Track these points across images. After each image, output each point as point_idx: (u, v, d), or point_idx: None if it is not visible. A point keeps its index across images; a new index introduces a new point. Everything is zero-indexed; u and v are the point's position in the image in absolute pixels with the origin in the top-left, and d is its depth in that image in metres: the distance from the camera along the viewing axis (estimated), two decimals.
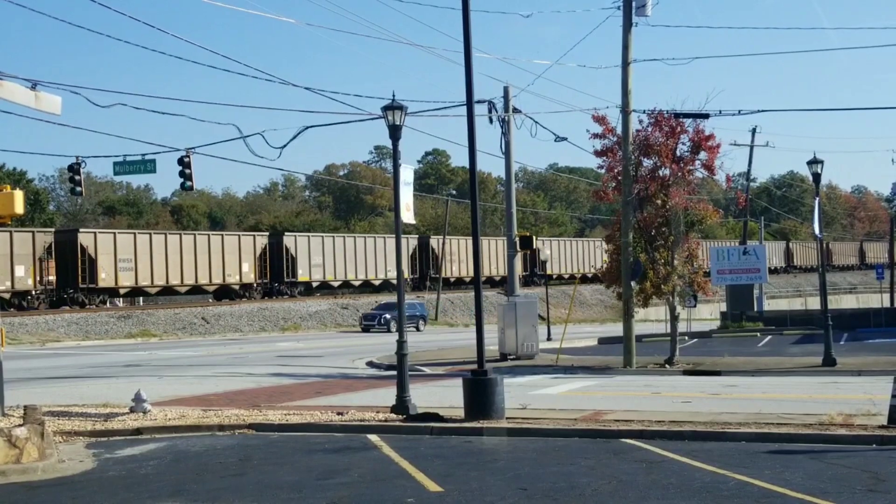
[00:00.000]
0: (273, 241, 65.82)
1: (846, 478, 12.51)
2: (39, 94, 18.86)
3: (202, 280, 60.13)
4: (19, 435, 13.92)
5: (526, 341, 33.67)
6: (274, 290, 65.85)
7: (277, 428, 17.67)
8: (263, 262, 64.52)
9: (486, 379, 18.07)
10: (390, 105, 19.55)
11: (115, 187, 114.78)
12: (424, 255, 75.30)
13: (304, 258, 66.31)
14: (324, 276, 67.88)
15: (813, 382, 25.52)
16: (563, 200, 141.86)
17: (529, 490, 12.03)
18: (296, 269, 66.03)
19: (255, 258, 63.57)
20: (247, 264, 62.67)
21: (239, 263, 62.06)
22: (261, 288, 65.00)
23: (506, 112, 34.19)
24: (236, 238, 63.67)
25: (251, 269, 63.18)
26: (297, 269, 66.07)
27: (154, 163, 32.18)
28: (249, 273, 63.07)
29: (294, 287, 66.73)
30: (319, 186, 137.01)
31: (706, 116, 30.12)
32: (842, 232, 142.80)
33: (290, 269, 65.87)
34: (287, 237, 66.99)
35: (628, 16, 30.73)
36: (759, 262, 45.00)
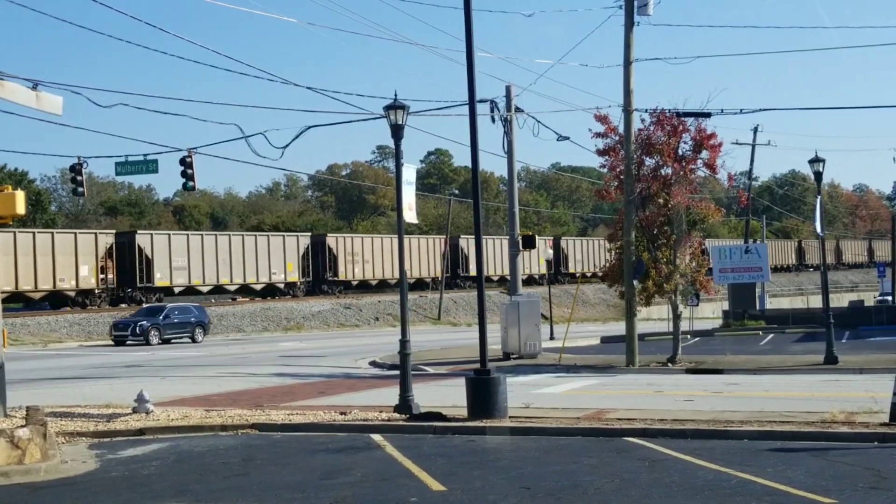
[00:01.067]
0: (316, 241, 68.62)
1: (848, 475, 12.51)
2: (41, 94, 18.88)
3: (249, 279, 63.26)
4: (22, 436, 13.94)
5: (529, 340, 33.66)
6: (317, 289, 68.36)
7: (280, 428, 17.68)
8: (306, 262, 67.19)
9: (489, 378, 18.08)
10: (392, 105, 19.55)
11: (116, 187, 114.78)
12: None
13: (343, 257, 68.95)
14: (363, 275, 70.29)
15: (815, 380, 25.52)
16: (565, 199, 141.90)
17: (533, 489, 12.04)
18: (337, 268, 68.65)
19: (298, 257, 66.11)
20: (291, 263, 65.31)
21: (284, 262, 64.78)
22: (304, 286, 67.47)
23: (508, 111, 34.18)
24: (280, 238, 66.37)
25: (295, 268, 65.84)
26: (338, 268, 68.65)
27: (156, 163, 32.18)
28: (294, 272, 65.75)
29: (336, 285, 69.31)
30: (322, 186, 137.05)
31: (708, 115, 30.12)
32: (843, 230, 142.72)
33: (332, 268, 68.57)
34: (329, 238, 70.07)
35: (630, 15, 30.72)
36: (762, 261, 44.96)
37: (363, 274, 70.16)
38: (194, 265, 59.11)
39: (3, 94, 17.90)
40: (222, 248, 61.04)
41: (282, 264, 64.81)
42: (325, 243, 68.80)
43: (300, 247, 66.42)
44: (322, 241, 69.03)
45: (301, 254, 66.40)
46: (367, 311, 66.13)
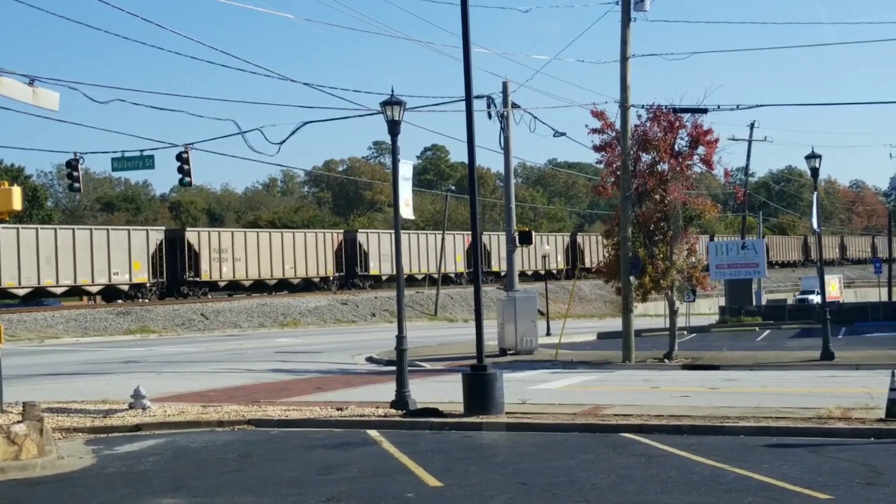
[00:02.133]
0: (348, 237, 70.49)
1: (844, 471, 12.53)
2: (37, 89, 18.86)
3: (288, 274, 65.57)
4: (18, 431, 13.93)
5: (525, 336, 33.68)
6: (349, 283, 69.97)
7: (277, 424, 17.69)
8: (339, 257, 69.05)
9: (485, 374, 18.08)
10: (389, 100, 19.55)
11: (113, 183, 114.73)
12: None
13: (375, 253, 70.80)
14: (391, 270, 70.67)
15: (811, 376, 25.56)
16: (562, 195, 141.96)
17: (529, 484, 12.06)
18: (368, 263, 70.62)
19: (332, 253, 68.25)
20: (326, 259, 67.63)
21: (317, 258, 66.97)
22: (337, 281, 69.10)
23: (505, 107, 34.19)
24: (314, 235, 68.42)
25: (330, 263, 68.03)
26: (369, 264, 70.65)
27: (152, 159, 32.16)
28: (328, 267, 67.95)
29: (366, 280, 70.91)
30: (318, 182, 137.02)
31: (704, 111, 30.12)
32: (840, 226, 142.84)
33: (363, 264, 70.46)
34: (360, 234, 71.78)
35: (627, 11, 30.72)
36: (758, 257, 45.04)
37: (391, 269, 69.64)
38: (238, 260, 61.83)
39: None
40: (263, 244, 63.62)
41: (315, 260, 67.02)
42: (356, 240, 70.52)
43: (334, 243, 68.97)
44: (354, 237, 70.96)
45: (334, 249, 68.71)
46: (364, 307, 66.09)
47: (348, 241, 70.40)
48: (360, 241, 70.44)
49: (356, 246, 70.14)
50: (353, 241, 70.32)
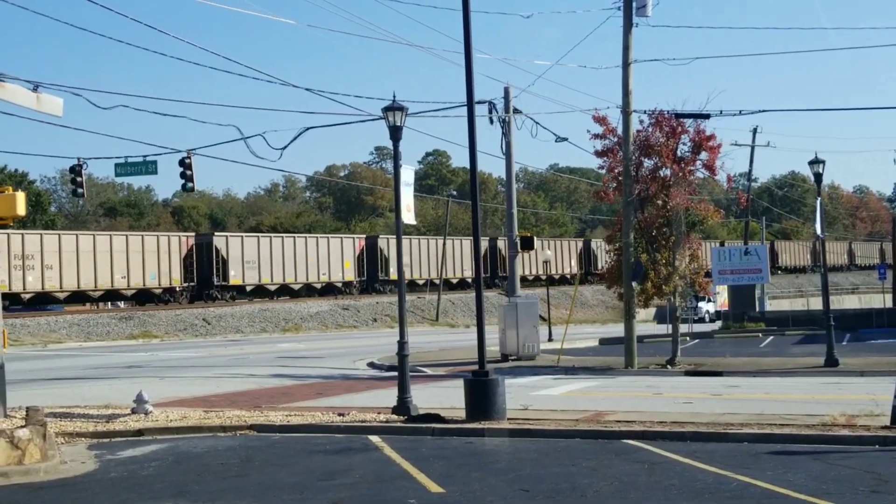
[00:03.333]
0: (369, 243, 72.13)
1: (849, 478, 12.49)
2: (41, 95, 18.86)
3: (311, 279, 67.35)
4: (21, 436, 13.92)
5: (527, 342, 33.64)
6: (371, 288, 71.40)
7: (279, 429, 17.67)
8: (361, 263, 70.71)
9: (487, 380, 18.06)
10: (391, 106, 19.53)
11: (116, 188, 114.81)
12: None
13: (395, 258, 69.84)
14: (411, 275, 72.57)
15: (815, 383, 25.50)
16: (563, 201, 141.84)
17: (531, 491, 12.03)
18: (388, 268, 72.23)
19: (354, 258, 69.96)
20: (349, 264, 69.60)
21: (341, 263, 68.64)
22: (360, 285, 70.86)
23: (506, 112, 34.17)
24: (339, 240, 70.24)
25: (352, 268, 69.80)
26: (389, 268, 72.18)
27: (155, 164, 32.18)
28: (350, 272, 69.69)
29: (387, 284, 72.24)
30: (320, 187, 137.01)
31: (707, 116, 30.09)
32: (844, 232, 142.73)
33: (384, 268, 72.32)
34: (381, 239, 73.11)
35: (629, 16, 30.70)
36: (761, 263, 44.95)
37: (411, 274, 71.50)
38: (264, 265, 63.62)
39: (3, 95, 17.88)
40: (288, 249, 65.41)
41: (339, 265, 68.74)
42: (377, 245, 72.00)
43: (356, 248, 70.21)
44: (375, 243, 72.32)
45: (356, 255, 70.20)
46: (365, 312, 66.08)
47: (370, 246, 71.88)
48: (380, 247, 72.00)
49: (377, 251, 71.69)
50: (374, 246, 71.90)
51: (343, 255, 68.74)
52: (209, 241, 61.41)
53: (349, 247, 69.66)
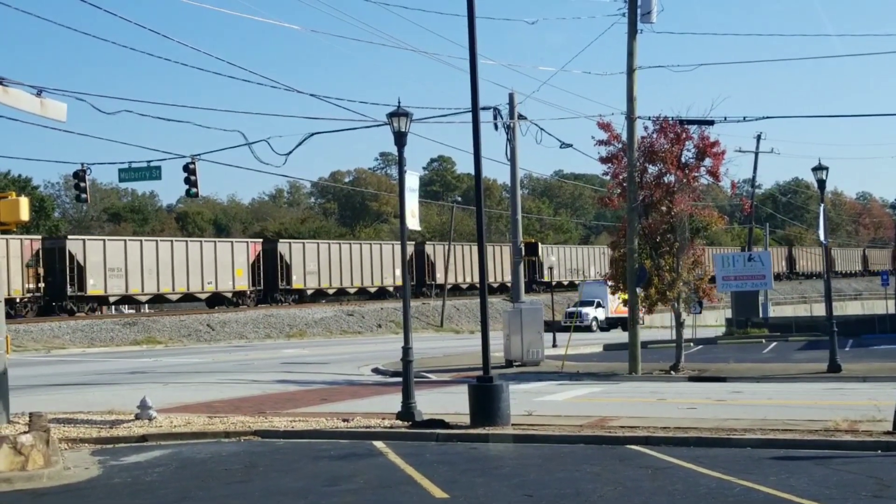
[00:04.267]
0: (418, 249, 75.31)
1: (851, 484, 12.50)
2: (45, 100, 18.91)
3: (366, 283, 71.15)
4: (25, 442, 13.94)
5: (531, 348, 33.63)
6: (419, 292, 74.16)
7: (283, 435, 17.69)
8: (411, 268, 71.89)
9: (491, 385, 18.07)
10: (396, 112, 19.57)
11: (120, 194, 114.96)
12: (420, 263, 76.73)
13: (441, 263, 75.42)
14: (455, 279, 77.06)
15: (818, 388, 25.50)
16: (568, 207, 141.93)
17: (535, 496, 12.04)
18: (435, 273, 75.98)
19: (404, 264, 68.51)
20: (398, 269, 69.82)
21: (393, 268, 71.47)
22: None
23: (511, 119, 34.22)
24: (391, 246, 72.37)
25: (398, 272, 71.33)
26: (436, 273, 75.95)
27: (159, 170, 32.21)
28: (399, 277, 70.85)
29: (432, 288, 75.80)
30: (325, 193, 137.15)
31: (711, 123, 30.11)
32: (846, 238, 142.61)
33: (431, 274, 75.92)
34: (428, 246, 77.17)
35: (633, 23, 30.72)
36: (765, 269, 44.92)
37: (455, 278, 74.91)
38: (323, 270, 67.22)
39: (7, 100, 17.94)
40: (345, 255, 69.22)
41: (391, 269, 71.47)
42: (424, 251, 75.39)
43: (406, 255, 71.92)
44: (422, 249, 75.49)
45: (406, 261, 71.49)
46: (370, 317, 66.11)
47: (418, 252, 74.52)
48: (427, 253, 75.18)
49: (424, 257, 74.75)
50: (422, 252, 74.97)
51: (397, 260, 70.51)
52: (274, 248, 65.18)
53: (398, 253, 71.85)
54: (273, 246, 65.66)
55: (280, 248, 65.31)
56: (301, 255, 65.83)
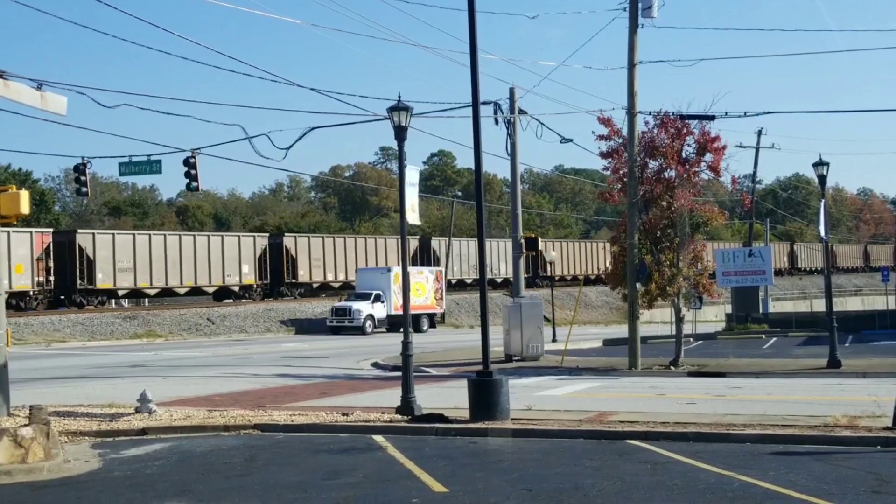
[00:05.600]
0: (423, 243, 75.91)
1: (851, 479, 12.51)
2: (45, 94, 18.91)
3: None
4: (25, 435, 13.96)
5: (531, 343, 33.67)
6: None
7: (282, 428, 17.70)
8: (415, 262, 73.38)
9: (491, 380, 18.09)
10: (396, 106, 19.56)
11: (120, 188, 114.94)
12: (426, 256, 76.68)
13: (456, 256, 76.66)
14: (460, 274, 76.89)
15: (818, 384, 25.52)
16: (568, 202, 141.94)
17: (534, 491, 12.05)
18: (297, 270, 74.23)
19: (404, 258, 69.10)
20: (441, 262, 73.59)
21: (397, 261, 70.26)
22: None
23: (511, 113, 34.20)
24: (395, 240, 71.42)
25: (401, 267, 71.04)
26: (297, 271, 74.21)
27: (160, 163, 32.17)
28: None
29: None
30: (325, 187, 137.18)
31: (712, 118, 30.09)
32: (847, 234, 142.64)
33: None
34: (434, 241, 77.10)
35: (634, 17, 30.72)
36: (765, 264, 44.93)
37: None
38: (328, 263, 67.66)
39: (7, 93, 17.93)
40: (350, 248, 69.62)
41: None
42: (430, 244, 75.50)
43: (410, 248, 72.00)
44: (428, 243, 75.55)
45: (411, 254, 72.43)
46: None
47: (423, 245, 75.24)
48: (433, 247, 75.59)
49: (430, 250, 75.11)
50: (428, 245, 75.49)
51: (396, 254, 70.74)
52: (280, 242, 65.66)
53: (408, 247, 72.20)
54: (279, 240, 66.32)
55: (286, 241, 65.97)
56: (307, 248, 66.26)
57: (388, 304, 56.04)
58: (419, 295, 57.95)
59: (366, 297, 55.72)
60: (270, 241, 65.32)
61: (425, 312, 59.55)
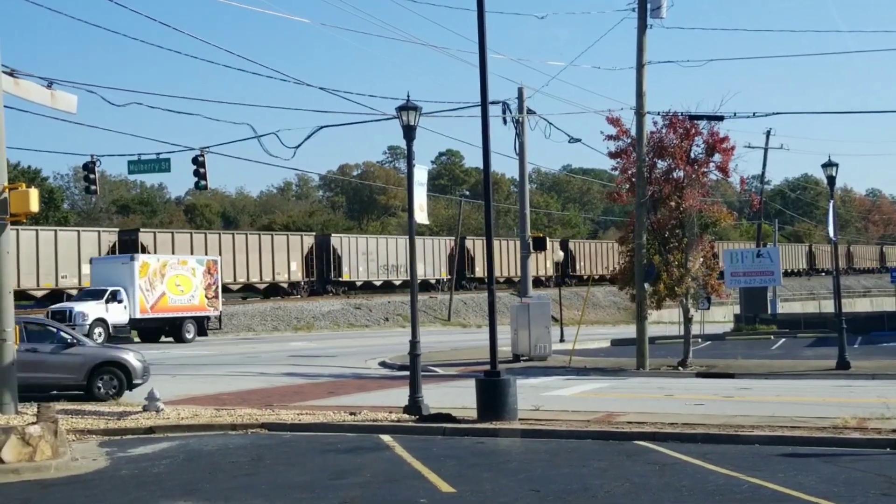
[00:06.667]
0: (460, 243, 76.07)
1: (860, 481, 12.46)
2: (55, 92, 18.96)
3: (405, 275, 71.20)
4: (33, 433, 13.97)
5: (539, 342, 33.65)
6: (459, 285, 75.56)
7: (290, 428, 17.69)
8: (451, 261, 74.74)
9: (498, 380, 18.06)
10: (405, 105, 19.54)
11: (129, 186, 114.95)
12: None
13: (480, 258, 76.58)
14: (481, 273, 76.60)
15: (826, 385, 25.46)
16: (576, 202, 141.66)
17: (542, 491, 12.02)
18: (475, 266, 77.38)
19: (446, 257, 74.86)
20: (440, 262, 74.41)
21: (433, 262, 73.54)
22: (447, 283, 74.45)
23: (520, 113, 34.18)
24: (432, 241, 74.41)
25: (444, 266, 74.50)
26: (475, 267, 77.33)
27: (168, 162, 32.21)
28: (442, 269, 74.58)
29: (472, 282, 77.60)
30: (333, 186, 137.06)
31: (721, 118, 30.07)
32: (856, 235, 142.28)
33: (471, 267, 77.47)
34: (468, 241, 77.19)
35: (643, 18, 30.68)
36: (773, 265, 44.88)
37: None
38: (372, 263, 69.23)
39: (18, 92, 17.98)
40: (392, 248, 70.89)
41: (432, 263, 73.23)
42: (464, 246, 76.29)
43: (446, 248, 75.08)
44: (463, 244, 75.98)
45: (448, 254, 74.28)
46: (377, 311, 66.15)
47: (458, 246, 75.54)
48: (467, 247, 76.47)
49: (464, 251, 76.08)
50: (463, 246, 76.07)
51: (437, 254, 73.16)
52: (327, 241, 67.27)
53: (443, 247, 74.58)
54: (326, 239, 67.92)
55: (333, 241, 67.59)
56: (354, 247, 67.97)
57: (131, 305, 43.67)
58: (180, 292, 46.08)
59: (97, 296, 42.99)
60: (317, 240, 66.86)
61: (191, 315, 46.81)
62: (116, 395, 21.38)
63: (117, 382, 21.62)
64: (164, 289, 45.42)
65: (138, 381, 21.85)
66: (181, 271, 46.77)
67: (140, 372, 21.93)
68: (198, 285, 47.41)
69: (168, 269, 45.82)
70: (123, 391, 21.62)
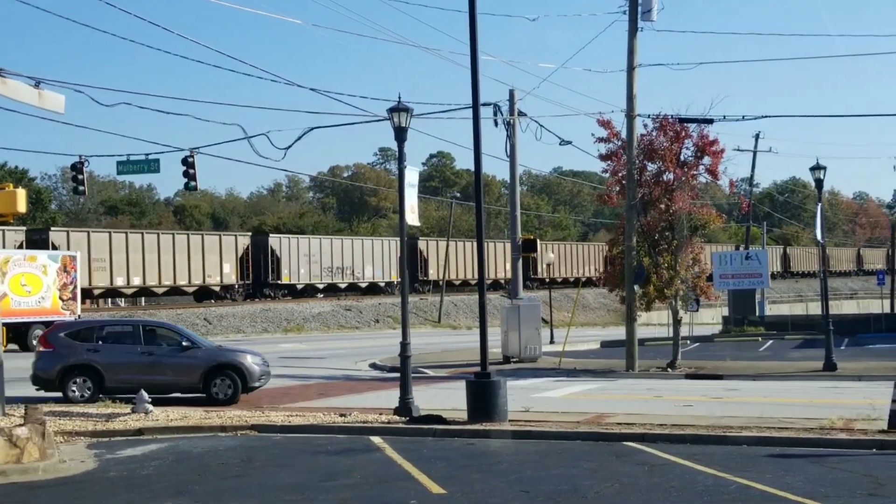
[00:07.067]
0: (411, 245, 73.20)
1: (846, 482, 12.53)
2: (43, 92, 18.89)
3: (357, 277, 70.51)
4: (20, 434, 13.94)
5: (529, 344, 33.68)
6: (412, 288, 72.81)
7: (280, 429, 17.69)
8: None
9: (489, 381, 18.09)
10: (396, 107, 19.55)
11: (117, 187, 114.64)
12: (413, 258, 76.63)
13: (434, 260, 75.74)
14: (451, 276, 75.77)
15: (814, 387, 25.54)
16: (566, 204, 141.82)
17: (532, 492, 12.05)
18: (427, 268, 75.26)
19: (397, 259, 72.78)
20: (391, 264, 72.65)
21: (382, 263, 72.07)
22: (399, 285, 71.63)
23: (511, 115, 34.21)
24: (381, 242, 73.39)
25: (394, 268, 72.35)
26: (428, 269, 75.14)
27: (158, 162, 32.10)
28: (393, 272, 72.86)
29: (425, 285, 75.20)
30: (323, 188, 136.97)
31: (710, 121, 30.15)
32: (843, 238, 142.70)
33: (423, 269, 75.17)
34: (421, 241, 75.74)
35: (634, 21, 30.72)
36: (762, 267, 45.04)
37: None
38: (314, 266, 66.74)
39: (5, 91, 17.92)
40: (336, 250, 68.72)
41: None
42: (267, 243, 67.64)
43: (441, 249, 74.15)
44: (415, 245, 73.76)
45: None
46: (368, 313, 66.08)
47: (410, 248, 73.70)
48: (420, 249, 74.69)
49: (417, 252, 73.91)
50: (415, 248, 74.00)
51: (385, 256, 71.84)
52: (265, 241, 64.32)
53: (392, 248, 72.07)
54: (263, 239, 64.91)
55: (271, 241, 64.68)
56: (295, 249, 65.14)
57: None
58: (27, 293, 39.32)
59: None
60: (254, 241, 63.71)
61: (41, 320, 38.95)
62: (232, 398, 21.57)
63: (232, 385, 21.83)
64: (6, 289, 38.04)
65: (255, 385, 22.18)
66: (29, 269, 39.94)
67: (257, 375, 22.20)
68: (49, 285, 40.29)
69: (11, 267, 38.78)
70: (239, 394, 21.80)
